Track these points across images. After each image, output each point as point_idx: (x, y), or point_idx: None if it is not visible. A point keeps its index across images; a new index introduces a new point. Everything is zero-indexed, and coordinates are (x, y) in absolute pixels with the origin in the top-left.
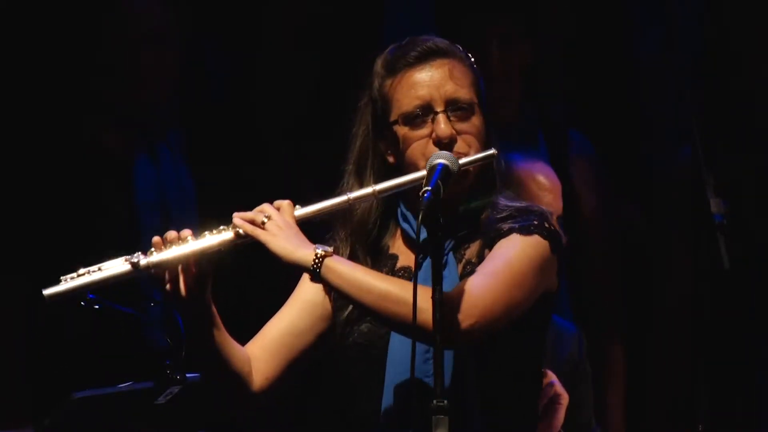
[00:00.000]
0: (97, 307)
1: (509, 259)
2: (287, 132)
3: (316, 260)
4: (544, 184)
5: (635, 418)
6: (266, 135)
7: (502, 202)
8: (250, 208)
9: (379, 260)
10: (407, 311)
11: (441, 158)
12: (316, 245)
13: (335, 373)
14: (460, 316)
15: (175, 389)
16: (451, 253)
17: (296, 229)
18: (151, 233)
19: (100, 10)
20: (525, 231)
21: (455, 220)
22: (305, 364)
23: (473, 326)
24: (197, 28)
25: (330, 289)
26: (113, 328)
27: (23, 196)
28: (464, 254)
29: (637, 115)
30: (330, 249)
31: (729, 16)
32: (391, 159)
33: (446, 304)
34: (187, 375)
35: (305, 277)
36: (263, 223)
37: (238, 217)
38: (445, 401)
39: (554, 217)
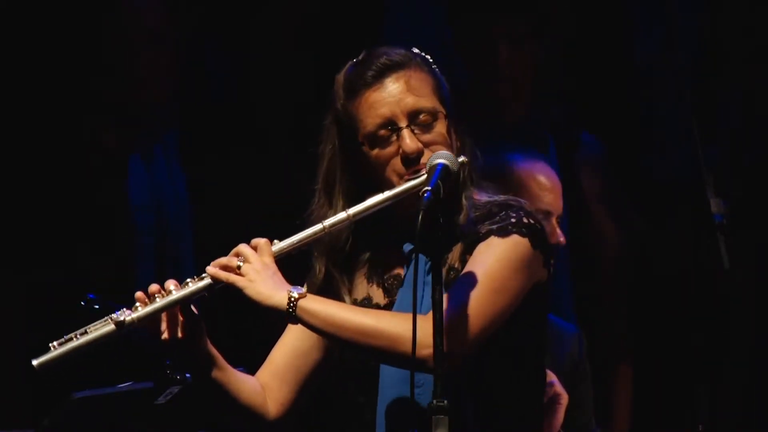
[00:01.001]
0: (96, 307)
1: (489, 266)
2: (286, 132)
3: (290, 304)
4: (544, 184)
5: (635, 418)
6: (265, 135)
7: (481, 198)
8: (247, 208)
9: (359, 274)
10: (385, 344)
11: (441, 158)
12: (291, 288)
13: (333, 386)
14: (447, 338)
15: (175, 389)
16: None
17: (273, 269)
18: (145, 234)
19: (99, 9)
20: (502, 232)
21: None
22: (318, 381)
23: (462, 346)
24: (197, 28)
25: (309, 329)
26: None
27: (21, 196)
28: (447, 259)
29: (637, 115)
30: (303, 290)
31: (728, 15)
32: (362, 176)
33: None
34: (187, 375)
35: None
36: (239, 267)
37: (212, 266)
38: (445, 401)
39: (555, 218)
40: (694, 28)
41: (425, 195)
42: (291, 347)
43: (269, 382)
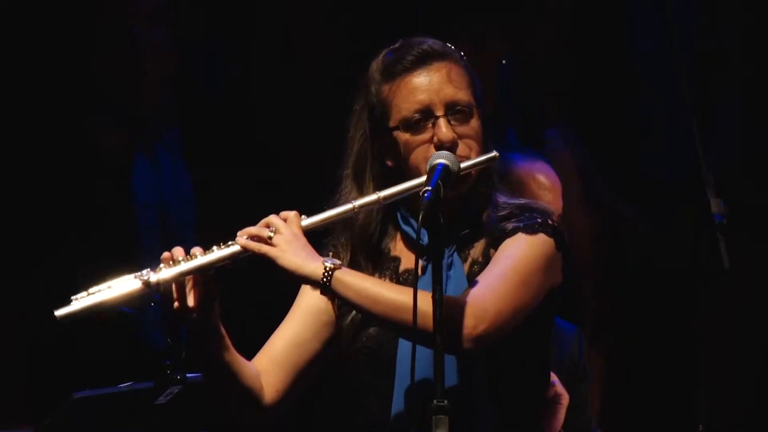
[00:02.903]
0: None
1: (516, 260)
2: (286, 132)
3: (326, 274)
4: (544, 183)
5: (636, 418)
6: (265, 135)
7: (502, 199)
8: (250, 209)
9: (381, 263)
10: (419, 320)
11: (441, 158)
12: (325, 258)
13: (343, 377)
14: (472, 323)
15: (175, 389)
16: (455, 254)
17: (304, 240)
18: (150, 233)
19: (102, 10)
20: (530, 230)
21: (456, 220)
22: (315, 372)
23: (485, 331)
24: (197, 28)
25: (341, 301)
26: (113, 328)
27: (22, 196)
28: (469, 254)
29: (637, 115)
30: (338, 261)
31: (728, 15)
32: (390, 163)
33: (456, 310)
34: (187, 375)
35: (305, 285)
36: (270, 237)
37: (242, 236)
38: (446, 401)
39: (555, 216)
40: (693, 28)
41: (425, 195)
42: (291, 335)
43: (267, 367)
